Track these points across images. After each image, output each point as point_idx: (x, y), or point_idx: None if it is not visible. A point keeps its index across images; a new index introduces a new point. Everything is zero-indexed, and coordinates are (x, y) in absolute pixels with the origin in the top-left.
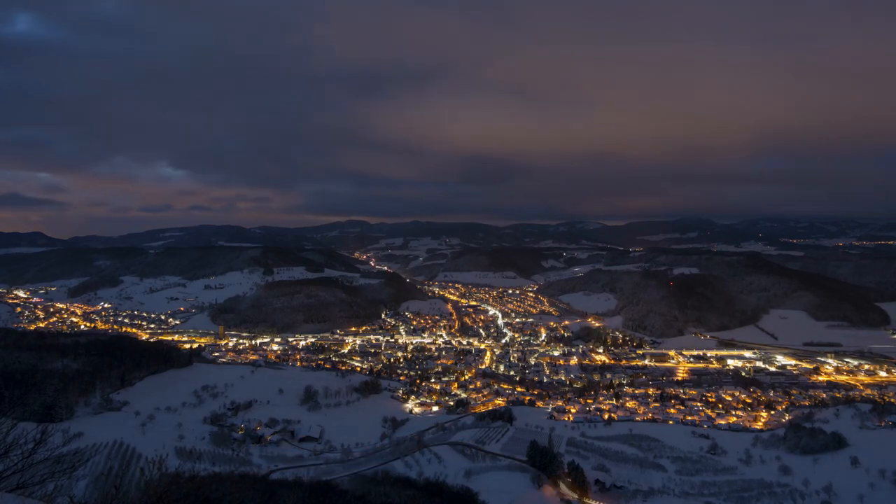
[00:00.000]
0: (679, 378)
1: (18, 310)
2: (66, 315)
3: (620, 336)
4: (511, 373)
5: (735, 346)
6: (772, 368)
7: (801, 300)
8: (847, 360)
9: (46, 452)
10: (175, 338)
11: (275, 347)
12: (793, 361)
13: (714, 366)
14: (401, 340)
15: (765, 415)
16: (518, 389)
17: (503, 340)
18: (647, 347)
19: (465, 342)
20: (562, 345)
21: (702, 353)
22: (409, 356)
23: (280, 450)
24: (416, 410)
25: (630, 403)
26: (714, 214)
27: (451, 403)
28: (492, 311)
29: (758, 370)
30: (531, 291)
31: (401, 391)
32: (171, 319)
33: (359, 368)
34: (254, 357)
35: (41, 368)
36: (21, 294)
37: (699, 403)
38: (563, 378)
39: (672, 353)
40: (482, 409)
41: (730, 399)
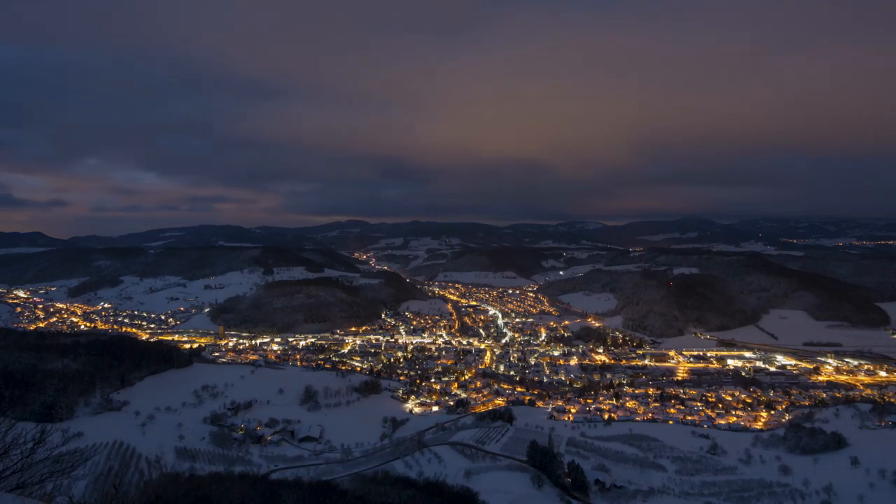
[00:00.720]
0: (679, 378)
1: (18, 310)
2: (66, 315)
3: (620, 336)
4: (511, 373)
5: (735, 346)
6: (772, 368)
7: (801, 300)
8: (847, 360)
9: (46, 452)
10: (175, 338)
11: (275, 347)
12: (793, 361)
13: (714, 366)
14: (401, 340)
15: (765, 415)
16: (518, 389)
17: (503, 340)
18: (647, 347)
19: (465, 342)
20: (562, 345)
21: (702, 353)
22: (409, 356)
23: (280, 450)
24: (416, 410)
25: (630, 403)
26: (714, 214)
27: (451, 403)
28: (492, 311)
29: (758, 370)
30: (531, 291)
31: (401, 391)
32: (171, 319)
33: (359, 368)
34: (254, 357)
35: (41, 368)
36: (21, 294)
37: (699, 403)
38: (563, 378)
39: (672, 353)
40: (482, 409)
41: (730, 399)
